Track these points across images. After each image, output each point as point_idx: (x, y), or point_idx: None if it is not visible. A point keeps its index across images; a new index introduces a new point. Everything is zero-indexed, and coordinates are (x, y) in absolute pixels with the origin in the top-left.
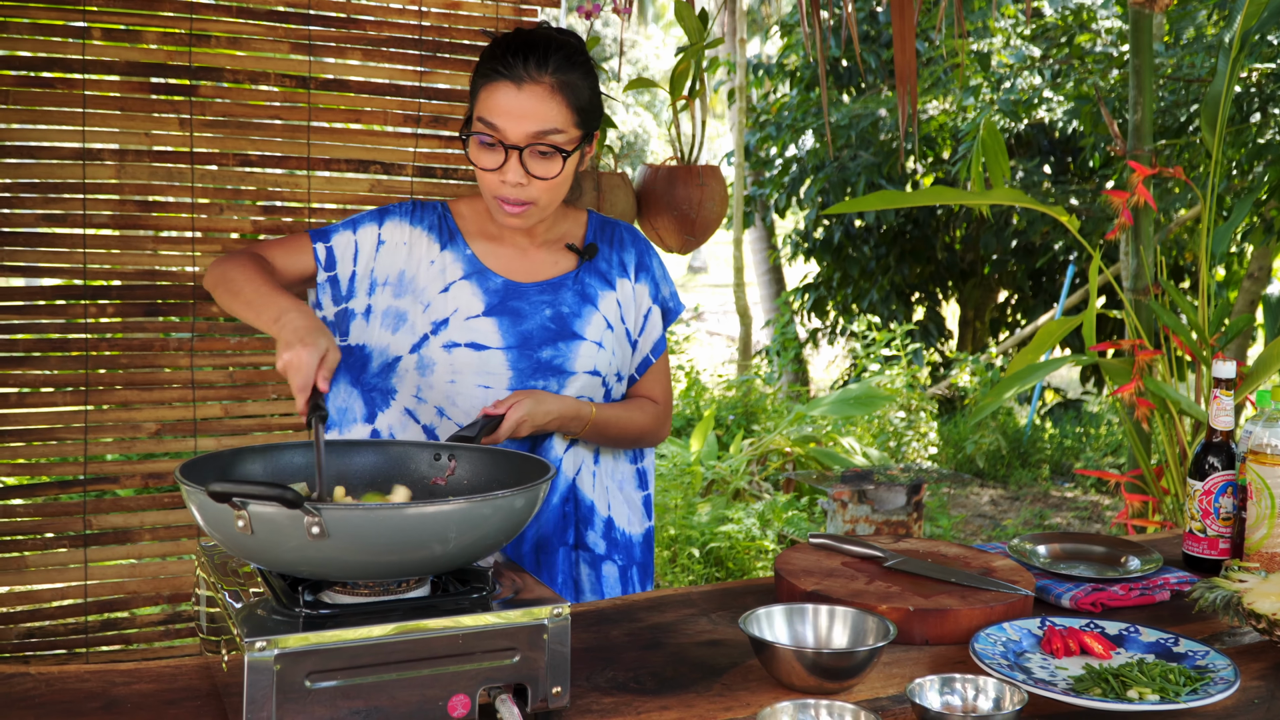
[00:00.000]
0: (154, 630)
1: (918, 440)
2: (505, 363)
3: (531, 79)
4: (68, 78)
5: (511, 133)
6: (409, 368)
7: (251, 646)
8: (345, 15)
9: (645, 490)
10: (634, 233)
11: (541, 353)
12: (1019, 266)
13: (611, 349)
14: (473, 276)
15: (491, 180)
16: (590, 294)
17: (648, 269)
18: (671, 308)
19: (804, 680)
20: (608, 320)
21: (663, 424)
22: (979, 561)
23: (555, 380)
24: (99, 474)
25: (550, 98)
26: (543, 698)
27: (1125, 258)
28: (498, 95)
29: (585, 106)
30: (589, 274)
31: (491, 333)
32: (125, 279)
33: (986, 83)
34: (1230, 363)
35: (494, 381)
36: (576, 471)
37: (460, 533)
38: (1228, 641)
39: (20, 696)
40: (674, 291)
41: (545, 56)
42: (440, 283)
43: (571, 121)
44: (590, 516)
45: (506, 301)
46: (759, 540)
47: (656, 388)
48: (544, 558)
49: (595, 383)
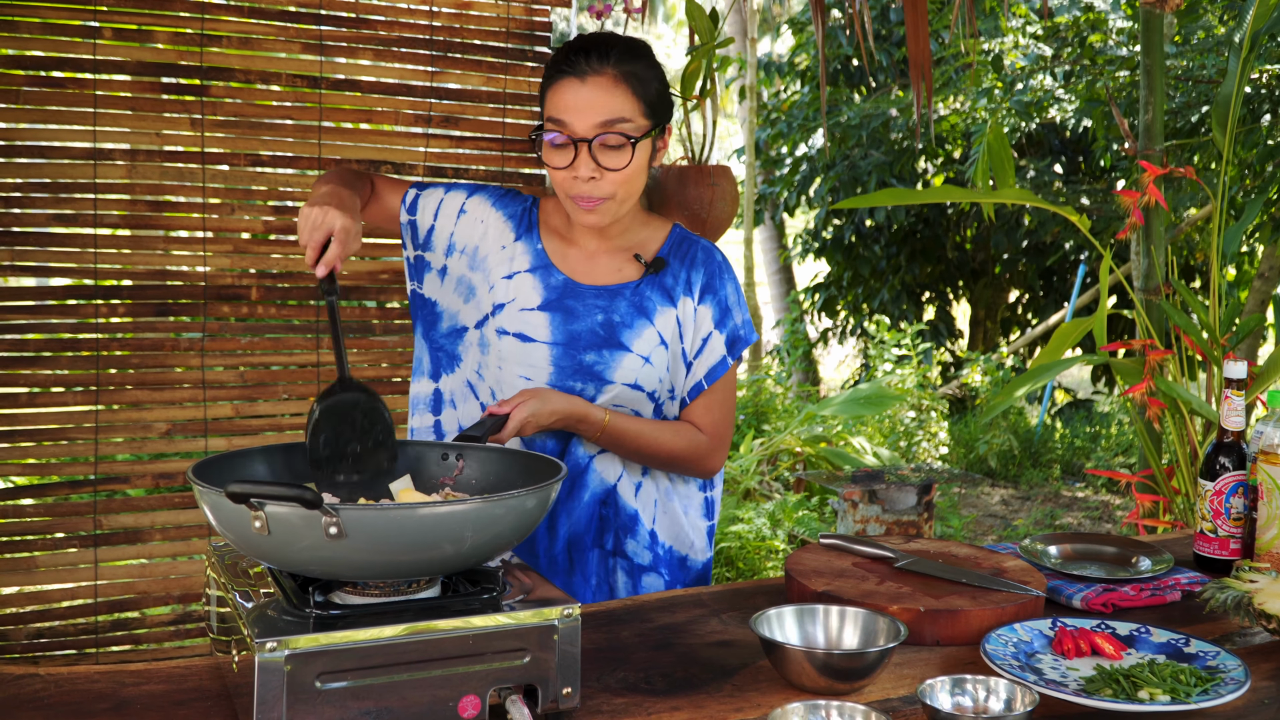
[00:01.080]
0: (164, 630)
1: (928, 440)
2: (548, 358)
3: (594, 71)
4: (79, 78)
5: (579, 125)
6: (473, 342)
7: (262, 647)
8: (356, 15)
9: (710, 521)
10: (710, 252)
11: (585, 356)
12: (1030, 266)
13: (662, 366)
14: (537, 270)
15: (565, 179)
16: (647, 307)
17: (715, 293)
18: (742, 336)
19: (815, 681)
20: (662, 336)
21: (706, 455)
22: (990, 562)
23: (593, 385)
24: (109, 474)
25: (614, 87)
26: (553, 698)
27: (1136, 257)
28: (563, 92)
29: (652, 97)
30: (651, 287)
31: (541, 326)
32: (136, 279)
33: (999, 83)
34: (1241, 363)
35: (535, 375)
36: (618, 478)
37: (474, 532)
38: (1239, 642)
39: (30, 697)
40: (747, 321)
41: (607, 50)
42: (506, 269)
43: (639, 111)
44: (633, 525)
45: (563, 299)
46: (769, 540)
47: (705, 416)
48: (576, 556)
49: (638, 397)
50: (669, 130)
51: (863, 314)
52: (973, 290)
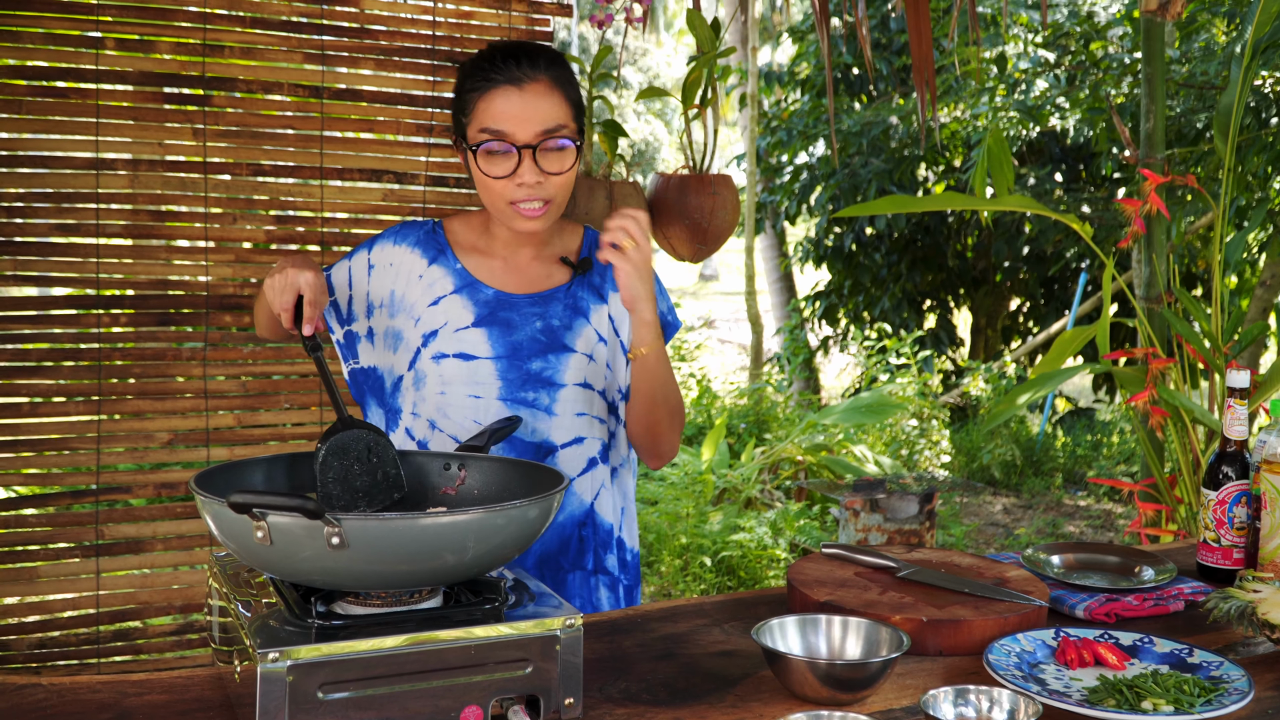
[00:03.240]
0: (166, 640)
1: (930, 449)
2: (494, 373)
3: (530, 78)
4: (81, 87)
5: (521, 133)
6: (408, 385)
7: (264, 657)
8: (358, 25)
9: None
10: None
11: (531, 364)
12: (1031, 274)
13: (603, 361)
14: (463, 290)
15: (504, 187)
16: (582, 307)
17: None
18: (670, 321)
19: (817, 691)
20: (599, 333)
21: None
22: (993, 572)
23: (545, 392)
24: (111, 483)
25: (550, 93)
26: (555, 709)
27: (1138, 265)
28: (499, 100)
29: (578, 102)
30: (581, 287)
31: (480, 343)
32: (138, 288)
33: (1001, 89)
34: (1244, 372)
35: (484, 391)
36: (595, 495)
37: (475, 543)
38: (1242, 652)
39: (32, 707)
40: (670, 306)
41: (535, 57)
42: (429, 296)
43: (571, 115)
44: (609, 540)
45: (497, 312)
46: (771, 549)
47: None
48: (549, 576)
49: (589, 395)
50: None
51: (864, 322)
52: (974, 298)
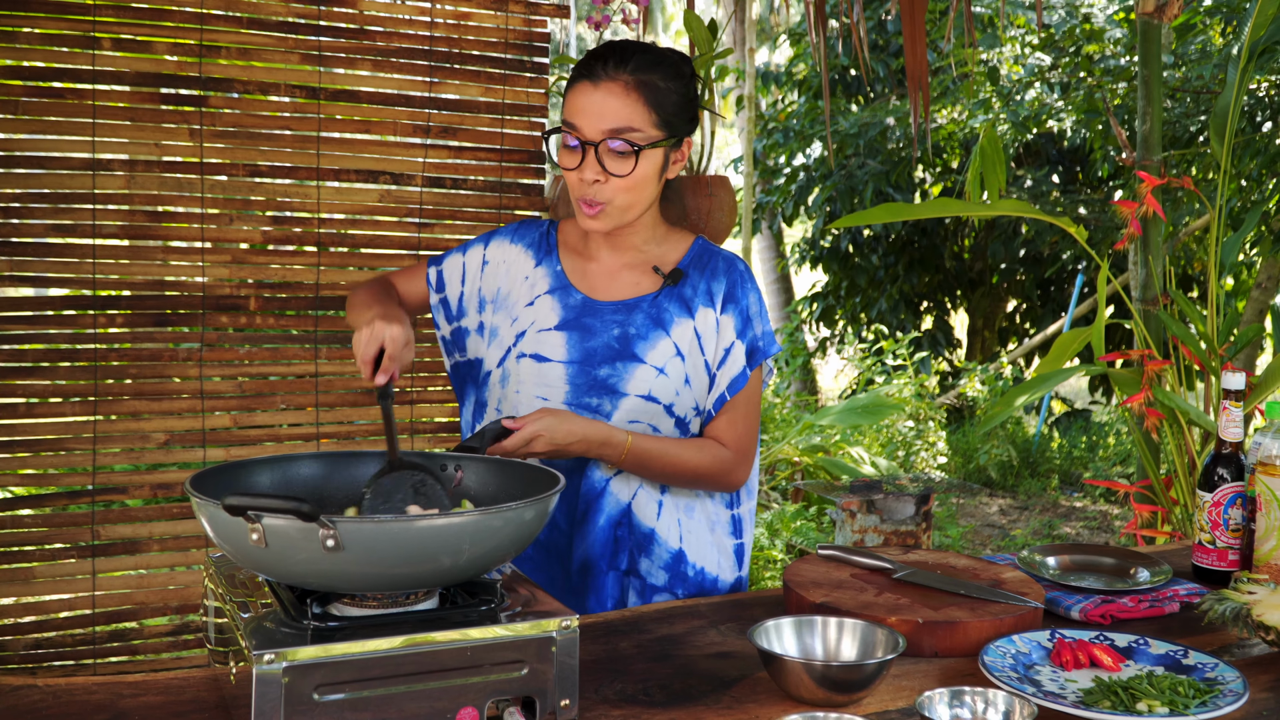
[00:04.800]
0: (161, 641)
1: (926, 450)
2: (564, 377)
3: (608, 76)
4: (77, 88)
5: (588, 129)
6: (495, 380)
7: (260, 659)
8: (355, 26)
9: (739, 539)
10: (732, 263)
11: (599, 370)
12: (1027, 276)
13: (679, 377)
14: (556, 291)
15: (574, 180)
16: (664, 319)
17: (737, 302)
18: (761, 348)
19: (813, 693)
20: (679, 348)
21: (730, 470)
22: (988, 573)
23: (608, 399)
24: (107, 484)
25: (625, 94)
26: (551, 710)
27: (1134, 267)
28: (576, 94)
29: (669, 108)
30: (669, 299)
31: (558, 346)
32: (134, 289)
33: (996, 96)
34: (1239, 374)
35: (551, 394)
36: (633, 496)
37: (471, 545)
38: (1237, 653)
39: (27, 708)
40: (768, 332)
41: (625, 57)
42: (528, 296)
43: (650, 121)
44: (648, 544)
45: (581, 318)
46: (767, 550)
47: (729, 430)
48: (590, 580)
49: (654, 410)
50: (688, 143)
51: (861, 323)
52: (970, 300)
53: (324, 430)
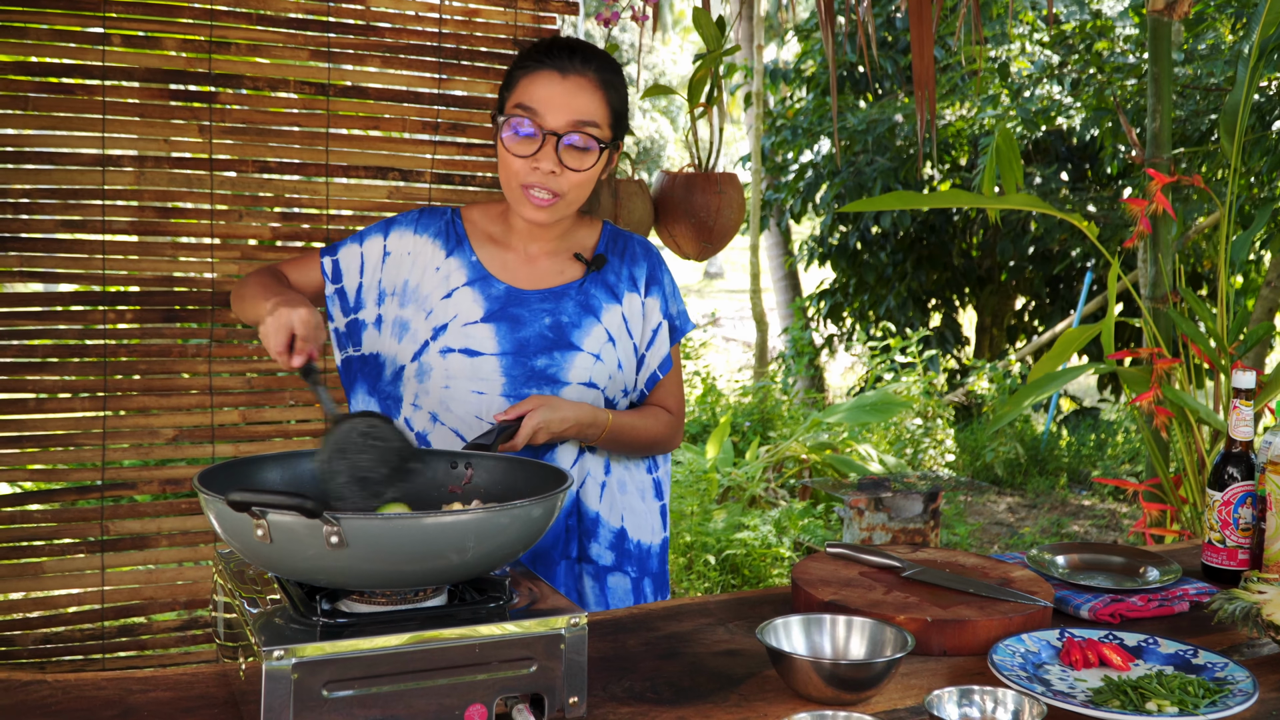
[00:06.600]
0: (170, 636)
1: (934, 447)
2: (498, 369)
3: (577, 71)
4: (87, 84)
5: (552, 119)
6: (410, 375)
7: (269, 655)
8: (364, 23)
9: (661, 500)
10: (647, 246)
11: (536, 361)
12: (1036, 273)
13: (613, 362)
14: (475, 283)
15: (521, 167)
16: (593, 305)
17: (659, 283)
18: (678, 325)
19: (821, 691)
20: (609, 333)
21: (676, 432)
22: (997, 572)
23: (549, 389)
24: (116, 479)
25: (593, 91)
26: (559, 707)
27: (1143, 265)
28: (540, 82)
29: (620, 111)
30: (594, 285)
31: (487, 339)
32: (144, 285)
33: (1005, 92)
34: (1249, 372)
35: (487, 388)
36: (581, 484)
37: (478, 542)
38: (1247, 653)
39: (37, 704)
40: (683, 310)
41: (589, 55)
42: (443, 289)
43: (607, 120)
44: (594, 529)
45: (507, 308)
46: (775, 548)
47: (670, 399)
48: (542, 570)
49: (592, 395)
50: (620, 149)
51: (869, 321)
52: (979, 297)
53: None
